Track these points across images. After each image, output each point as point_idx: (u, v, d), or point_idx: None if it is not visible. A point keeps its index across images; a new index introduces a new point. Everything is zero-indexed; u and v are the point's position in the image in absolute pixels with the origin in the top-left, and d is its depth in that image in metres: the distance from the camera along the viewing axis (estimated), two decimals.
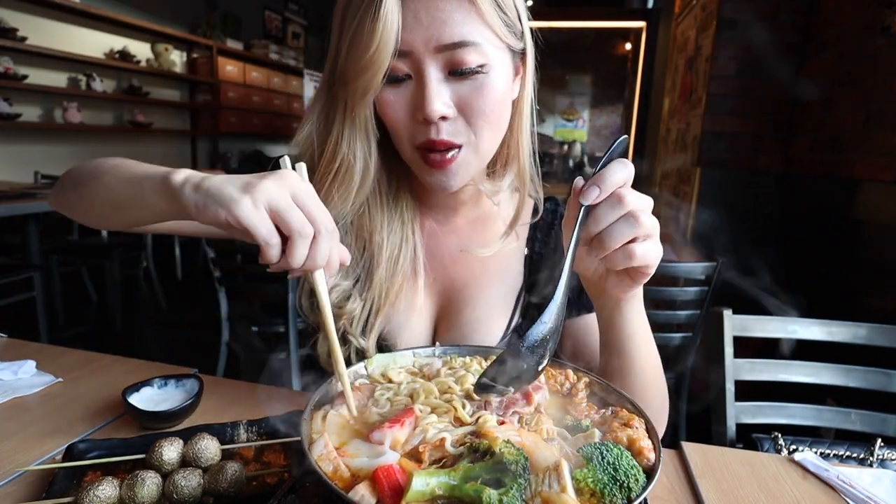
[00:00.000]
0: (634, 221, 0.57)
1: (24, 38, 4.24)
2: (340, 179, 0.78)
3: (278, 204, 0.52)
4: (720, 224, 3.17)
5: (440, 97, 0.69)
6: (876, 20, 2.17)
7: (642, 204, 0.58)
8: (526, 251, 0.94)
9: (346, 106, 0.75)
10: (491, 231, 0.92)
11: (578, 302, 0.91)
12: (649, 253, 0.58)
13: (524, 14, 0.76)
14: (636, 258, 0.58)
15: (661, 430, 0.77)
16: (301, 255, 0.53)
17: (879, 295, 2.09)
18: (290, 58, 7.79)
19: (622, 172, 0.57)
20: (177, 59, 6.14)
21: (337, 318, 0.82)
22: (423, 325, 0.89)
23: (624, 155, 0.60)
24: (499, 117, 0.76)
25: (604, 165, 0.58)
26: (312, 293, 0.84)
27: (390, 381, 0.63)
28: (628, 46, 8.39)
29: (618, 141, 0.59)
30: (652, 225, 0.58)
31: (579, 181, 0.59)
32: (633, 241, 0.58)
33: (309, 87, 6.87)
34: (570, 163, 8.64)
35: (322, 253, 0.55)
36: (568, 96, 10.23)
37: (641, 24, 6.41)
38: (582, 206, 0.58)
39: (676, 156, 3.89)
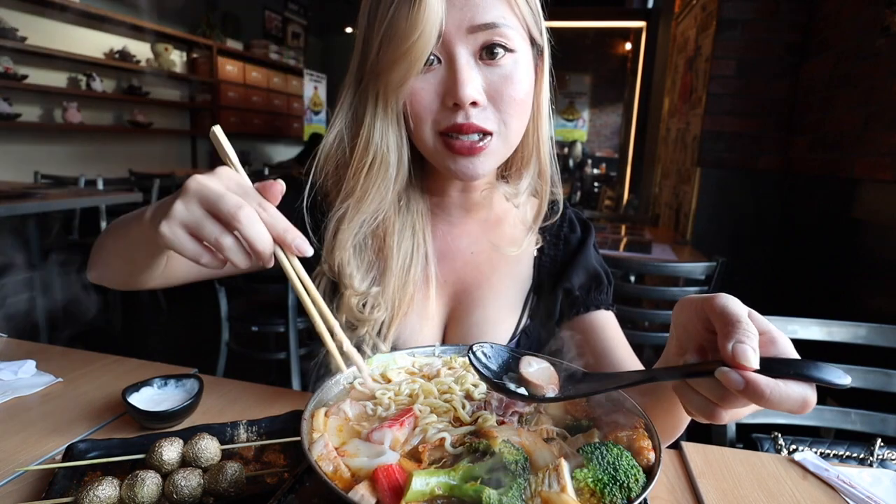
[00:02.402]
0: (752, 409, 0.47)
1: (24, 38, 4.24)
2: (375, 173, 0.77)
3: (189, 221, 0.52)
4: (720, 224, 3.17)
5: (472, 82, 0.69)
6: (876, 20, 2.17)
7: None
8: (535, 253, 0.94)
9: (377, 98, 0.74)
10: (504, 232, 0.91)
11: (587, 299, 0.90)
12: (736, 418, 0.49)
13: (542, 13, 0.77)
14: (720, 422, 0.48)
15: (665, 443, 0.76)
16: (235, 256, 0.52)
17: (879, 295, 2.09)
18: (289, 58, 7.80)
19: (794, 404, 0.42)
20: (177, 59, 6.14)
21: (360, 324, 0.81)
22: (433, 331, 0.88)
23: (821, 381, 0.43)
24: (526, 107, 0.76)
25: (796, 369, 0.42)
26: (329, 298, 0.84)
27: (389, 382, 0.63)
28: (628, 46, 8.39)
29: (836, 377, 0.43)
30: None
31: (745, 348, 0.42)
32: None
33: (309, 87, 6.88)
34: (570, 163, 8.64)
35: (257, 238, 0.51)
36: (568, 96, 10.24)
37: (641, 24, 6.42)
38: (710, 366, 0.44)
39: (676, 155, 3.89)
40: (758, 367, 0.42)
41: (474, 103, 0.70)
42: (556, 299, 0.90)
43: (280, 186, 0.55)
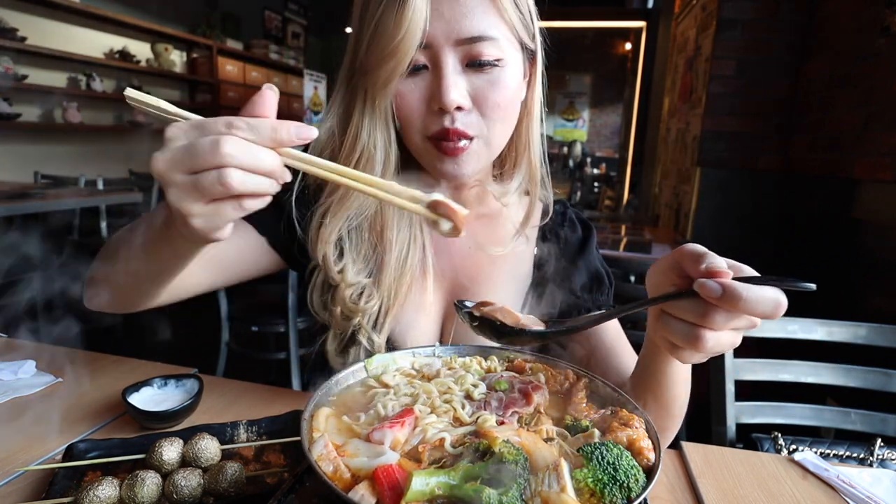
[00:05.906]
0: (734, 339, 0.50)
1: (24, 38, 4.24)
2: (361, 170, 0.78)
3: (183, 184, 0.48)
4: (720, 224, 3.17)
5: (457, 87, 0.70)
6: (876, 20, 2.17)
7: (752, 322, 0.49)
8: (535, 251, 0.94)
9: (366, 96, 0.75)
10: (501, 228, 0.92)
11: (588, 299, 0.91)
12: (720, 346, 0.50)
13: (535, 17, 0.78)
14: (704, 349, 0.50)
15: (666, 442, 0.77)
16: (248, 185, 0.48)
17: (879, 295, 2.09)
18: (289, 58, 7.79)
19: (769, 305, 0.46)
20: (177, 59, 6.14)
21: (353, 315, 0.82)
22: (430, 324, 0.88)
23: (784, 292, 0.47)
24: (511, 112, 0.77)
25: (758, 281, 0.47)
26: (324, 290, 0.84)
27: (386, 386, 0.62)
28: (628, 46, 8.39)
29: (801, 283, 0.47)
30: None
31: (716, 262, 0.48)
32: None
33: (309, 87, 6.86)
34: (570, 163, 8.64)
35: (256, 160, 0.48)
36: (568, 96, 10.23)
37: (641, 24, 6.42)
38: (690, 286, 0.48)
39: (676, 155, 3.89)
40: (731, 276, 0.47)
41: (459, 108, 0.71)
42: (556, 299, 0.90)
43: (268, 95, 0.51)
